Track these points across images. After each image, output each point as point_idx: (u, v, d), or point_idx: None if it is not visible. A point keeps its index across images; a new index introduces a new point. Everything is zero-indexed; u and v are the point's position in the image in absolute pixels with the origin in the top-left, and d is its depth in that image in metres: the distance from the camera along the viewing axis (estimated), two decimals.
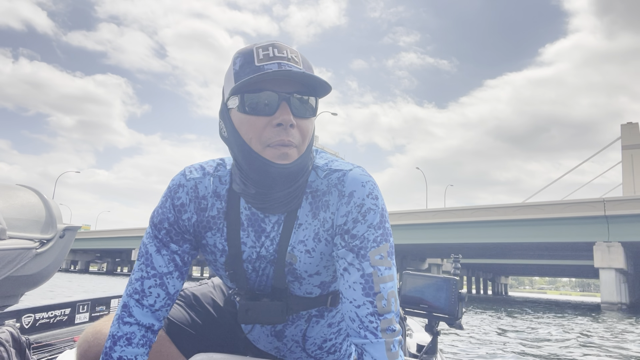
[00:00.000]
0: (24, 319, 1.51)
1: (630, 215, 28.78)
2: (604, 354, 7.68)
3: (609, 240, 29.54)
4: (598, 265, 29.74)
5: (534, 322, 14.51)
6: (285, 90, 0.92)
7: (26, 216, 1.30)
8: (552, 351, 7.76)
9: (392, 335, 0.94)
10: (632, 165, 46.01)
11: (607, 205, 29.64)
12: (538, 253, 42.68)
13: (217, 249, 1.07)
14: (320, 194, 1.02)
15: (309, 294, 1.08)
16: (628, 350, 8.38)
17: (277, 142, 0.91)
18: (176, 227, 1.05)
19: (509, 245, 35.37)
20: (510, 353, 6.91)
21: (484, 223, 34.17)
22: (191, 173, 1.08)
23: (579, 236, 30.68)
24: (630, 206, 28.99)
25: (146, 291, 1.04)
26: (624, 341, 9.88)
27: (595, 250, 29.95)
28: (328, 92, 0.95)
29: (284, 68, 0.90)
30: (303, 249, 1.02)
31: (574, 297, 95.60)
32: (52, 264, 1.35)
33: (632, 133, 47.62)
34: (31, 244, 1.29)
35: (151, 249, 1.05)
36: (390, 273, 0.98)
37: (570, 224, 30.91)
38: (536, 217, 31.85)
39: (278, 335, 1.15)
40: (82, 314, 1.70)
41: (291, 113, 0.91)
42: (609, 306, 28.64)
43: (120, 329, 1.02)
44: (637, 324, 15.37)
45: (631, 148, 46.88)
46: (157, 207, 1.08)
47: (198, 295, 1.28)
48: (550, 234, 31.55)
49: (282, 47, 0.94)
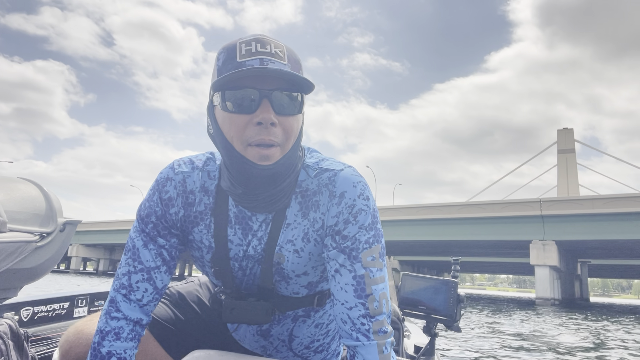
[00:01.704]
0: (22, 312, 1.49)
1: (564, 215, 30.51)
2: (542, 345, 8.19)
3: (544, 239, 31.18)
4: (534, 262, 31.34)
5: (483, 316, 15.16)
6: (268, 87, 0.89)
7: (27, 209, 1.30)
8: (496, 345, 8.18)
9: (384, 337, 0.93)
10: (567, 168, 48.79)
11: (543, 205, 31.26)
12: (480, 251, 44.42)
13: (204, 245, 1.05)
14: (310, 193, 0.99)
15: (296, 293, 1.07)
16: (562, 342, 8.97)
17: (257, 142, 0.88)
18: (163, 221, 1.03)
19: (453, 243, 36.60)
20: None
21: (430, 221, 35.20)
22: (180, 167, 1.05)
23: (517, 235, 32.19)
24: (564, 207, 30.74)
25: (133, 286, 1.01)
26: (559, 334, 10.55)
27: (531, 248, 31.51)
28: (312, 89, 0.92)
29: (266, 64, 0.87)
30: (291, 249, 1.00)
31: (511, 293, 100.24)
32: (51, 257, 1.35)
33: (567, 138, 50.50)
34: (31, 237, 1.28)
35: (138, 243, 1.03)
36: (382, 274, 0.96)
37: (510, 222, 32.38)
38: (478, 215, 33.13)
39: (264, 334, 1.14)
40: (80, 307, 1.69)
41: (273, 111, 0.88)
42: (543, 302, 30.28)
43: (108, 323, 1.00)
44: (568, 318, 16.39)
45: (566, 152, 49.69)
46: (144, 200, 1.06)
47: (183, 293, 1.26)
48: (492, 232, 32.93)
49: (267, 41, 0.90)
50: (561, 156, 49.59)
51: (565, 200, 31.54)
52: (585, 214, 29.81)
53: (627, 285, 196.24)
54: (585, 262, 48.72)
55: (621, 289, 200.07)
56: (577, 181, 48.31)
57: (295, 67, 0.91)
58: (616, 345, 8.92)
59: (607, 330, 12.53)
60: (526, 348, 7.80)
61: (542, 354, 7.26)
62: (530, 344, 8.43)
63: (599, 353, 7.76)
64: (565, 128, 51.19)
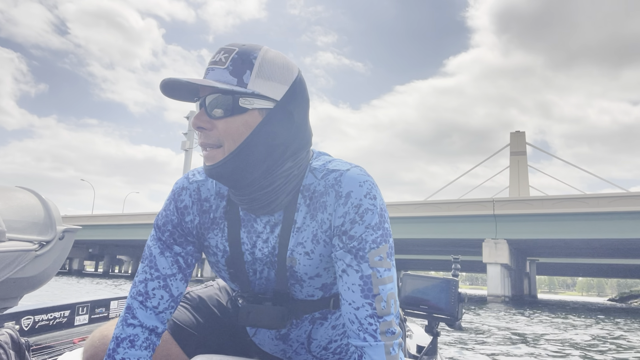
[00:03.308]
0: (23, 321, 1.48)
1: (515, 215, 31.64)
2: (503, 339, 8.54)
3: (496, 238, 32.22)
4: (486, 260, 32.34)
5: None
6: (204, 94, 0.94)
7: (25, 218, 1.29)
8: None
9: (392, 338, 0.93)
10: (518, 169, 50.62)
11: (496, 205, 32.30)
12: (436, 249, 45.42)
13: (219, 250, 1.07)
14: (317, 195, 1.00)
15: (311, 296, 1.07)
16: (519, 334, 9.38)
17: (200, 145, 0.95)
18: (179, 229, 1.07)
19: (410, 241, 37.26)
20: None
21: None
22: (194, 176, 1.11)
23: (471, 233, 33.12)
24: (515, 206, 31.88)
25: (150, 293, 1.04)
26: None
27: (484, 247, 32.51)
28: (231, 92, 0.92)
29: (206, 74, 0.94)
30: (302, 251, 1.01)
31: (464, 290, 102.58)
32: (51, 266, 1.34)
33: (519, 141, 52.37)
34: (30, 246, 1.28)
35: (155, 251, 1.06)
36: (389, 274, 0.96)
37: (464, 222, 33.28)
38: (434, 214, 33.91)
39: (283, 338, 1.15)
40: (81, 315, 1.68)
41: (207, 115, 0.93)
42: (494, 298, 31.32)
43: (124, 330, 1.02)
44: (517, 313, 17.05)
45: (518, 154, 51.52)
46: (161, 210, 1.11)
47: (204, 297, 1.29)
48: (447, 231, 33.75)
49: (224, 49, 0.95)
50: (513, 158, 51.39)
51: (516, 201, 32.69)
52: (534, 214, 31.00)
53: (571, 282, 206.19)
54: (534, 261, 50.86)
55: (566, 286, 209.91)
56: (528, 182, 50.21)
57: (237, 69, 0.92)
58: (560, 338, 9.41)
59: (555, 323, 13.19)
60: (490, 342, 8.12)
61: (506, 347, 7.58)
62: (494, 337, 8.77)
63: (547, 345, 8.18)
64: (518, 131, 53.08)
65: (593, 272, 79.68)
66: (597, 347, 8.62)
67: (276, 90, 0.95)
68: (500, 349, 7.64)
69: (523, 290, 41.71)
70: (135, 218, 46.63)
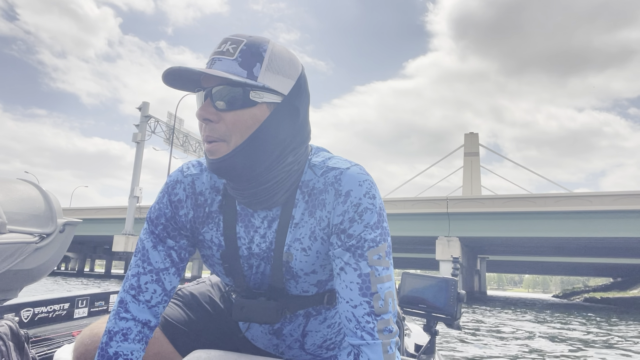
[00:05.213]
0: (23, 313, 1.46)
1: (467, 213, 32.65)
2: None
3: (449, 235, 33.13)
4: (439, 257, 33.15)
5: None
6: (210, 84, 0.92)
7: (26, 210, 1.28)
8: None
9: (389, 337, 0.93)
10: (471, 170, 52.23)
11: (449, 203, 33.21)
12: (392, 246, 46.09)
13: (214, 244, 1.06)
14: (317, 192, 0.99)
15: (306, 292, 1.07)
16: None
17: (203, 137, 0.93)
18: (173, 223, 1.05)
19: None
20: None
21: None
22: (189, 169, 1.08)
23: (426, 231, 33.87)
24: (467, 205, 32.89)
25: (142, 287, 1.03)
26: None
27: (437, 244, 33.31)
28: (243, 85, 0.91)
29: (212, 64, 0.91)
30: (299, 247, 1.00)
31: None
32: (51, 258, 1.34)
33: (473, 142, 54.04)
34: (31, 238, 1.27)
35: (148, 244, 1.05)
36: (388, 273, 0.96)
37: (419, 219, 34.00)
38: (391, 212, 34.50)
39: (276, 333, 1.14)
40: (81, 308, 1.67)
41: (213, 107, 0.90)
42: None
43: (117, 324, 1.01)
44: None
45: (471, 155, 53.15)
46: (154, 203, 1.08)
47: (196, 294, 1.28)
48: (403, 228, 34.42)
49: (229, 40, 0.93)
50: (467, 159, 52.96)
51: (469, 199, 33.71)
52: (486, 212, 32.06)
53: (519, 279, 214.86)
54: (484, 258, 52.63)
55: (514, 283, 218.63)
56: (480, 182, 51.90)
57: (247, 61, 0.91)
58: (509, 331, 9.87)
59: (503, 318, 13.80)
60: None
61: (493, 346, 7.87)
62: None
63: (502, 335, 8.57)
64: (472, 132, 54.78)
65: (539, 270, 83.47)
66: (543, 341, 9.10)
67: (284, 85, 0.94)
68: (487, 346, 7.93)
69: (474, 287, 43.10)
70: (84, 213, 45.03)
